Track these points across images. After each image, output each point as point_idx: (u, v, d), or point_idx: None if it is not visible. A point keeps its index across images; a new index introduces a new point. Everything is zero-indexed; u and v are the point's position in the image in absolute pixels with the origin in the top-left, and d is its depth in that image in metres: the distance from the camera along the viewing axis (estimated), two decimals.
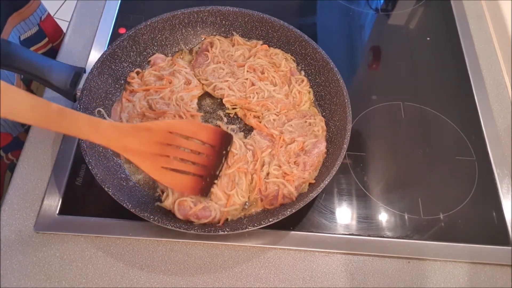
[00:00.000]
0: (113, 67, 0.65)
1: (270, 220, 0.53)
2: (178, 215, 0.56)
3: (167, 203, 0.57)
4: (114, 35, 0.77)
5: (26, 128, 0.78)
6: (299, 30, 0.69)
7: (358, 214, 0.63)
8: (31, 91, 0.81)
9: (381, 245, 0.60)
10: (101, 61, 0.62)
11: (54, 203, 0.60)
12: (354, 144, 0.67)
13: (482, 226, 0.63)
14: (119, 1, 0.82)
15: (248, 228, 0.52)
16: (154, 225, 0.58)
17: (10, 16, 0.72)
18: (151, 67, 0.68)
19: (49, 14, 0.83)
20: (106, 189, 0.53)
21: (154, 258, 0.58)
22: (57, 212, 0.59)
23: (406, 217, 0.63)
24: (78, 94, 0.60)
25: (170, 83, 0.66)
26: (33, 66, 0.57)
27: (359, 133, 0.70)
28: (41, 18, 0.80)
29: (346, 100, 0.62)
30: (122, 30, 0.77)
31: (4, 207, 0.60)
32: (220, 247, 0.59)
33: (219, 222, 0.56)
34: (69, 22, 0.79)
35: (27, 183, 0.62)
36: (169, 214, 0.57)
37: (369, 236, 0.61)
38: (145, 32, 0.67)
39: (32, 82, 0.81)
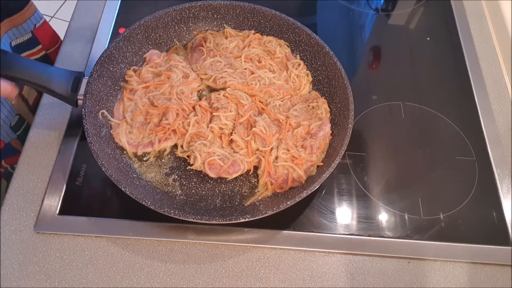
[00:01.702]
0: (111, 69, 0.65)
1: (288, 203, 0.53)
2: (211, 174, 0.60)
3: (197, 165, 0.60)
4: (114, 35, 0.77)
5: (18, 135, 0.78)
6: (291, 18, 0.69)
7: (358, 214, 0.63)
8: (22, 96, 0.80)
9: (381, 245, 0.60)
10: (99, 63, 0.62)
11: (54, 203, 0.60)
12: (354, 144, 0.67)
13: (482, 226, 0.63)
14: (119, 1, 0.82)
15: (267, 213, 0.53)
16: (154, 225, 0.59)
17: (1, 22, 0.71)
18: (147, 64, 0.68)
19: (45, 22, 0.82)
20: (122, 189, 0.53)
21: (154, 258, 0.58)
22: (57, 212, 0.59)
23: (406, 217, 0.63)
24: (79, 99, 0.59)
25: (168, 78, 0.66)
26: (33, 74, 0.57)
27: (359, 133, 0.70)
28: (35, 25, 0.79)
29: (345, 82, 0.63)
30: (122, 30, 0.77)
31: (4, 207, 0.60)
32: (220, 247, 0.59)
33: (249, 172, 0.61)
34: (69, 22, 0.79)
35: (27, 183, 0.62)
36: (185, 207, 0.57)
37: (369, 236, 0.61)
38: (139, 31, 0.67)
39: (24, 87, 0.80)
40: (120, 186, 0.53)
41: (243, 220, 0.53)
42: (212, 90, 0.68)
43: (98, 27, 0.78)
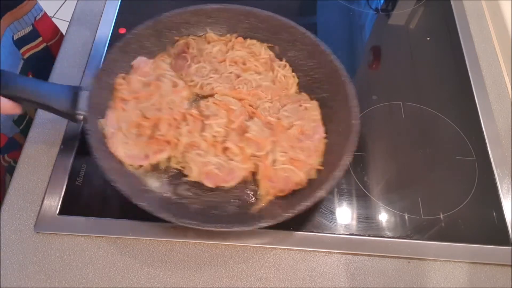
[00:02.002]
0: (110, 82, 0.64)
1: (289, 211, 0.53)
2: (209, 184, 0.59)
3: (193, 176, 0.59)
4: (114, 36, 0.77)
5: (21, 129, 0.78)
6: (284, 18, 0.69)
7: (358, 214, 0.63)
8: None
9: (381, 245, 0.60)
10: (97, 78, 0.61)
11: (54, 203, 0.60)
12: None
13: (482, 226, 0.63)
14: (119, 1, 0.82)
15: (270, 222, 0.53)
16: (154, 225, 0.59)
17: (2, 16, 0.71)
18: (135, 72, 0.66)
19: (45, 14, 0.82)
20: (139, 204, 0.52)
21: (154, 258, 0.58)
22: (57, 212, 0.59)
23: (406, 217, 0.63)
24: (79, 114, 0.57)
25: (158, 88, 0.64)
26: (31, 92, 0.55)
27: (359, 133, 0.70)
28: (35, 18, 0.79)
29: (344, 79, 0.62)
30: (122, 30, 0.77)
31: (4, 207, 0.60)
32: (220, 247, 0.59)
33: (248, 179, 0.60)
34: (69, 22, 0.79)
35: (27, 183, 0.62)
36: (198, 217, 0.55)
37: (369, 236, 0.61)
38: (133, 41, 0.66)
39: None
40: (134, 201, 0.52)
41: (260, 226, 0.53)
42: (201, 96, 0.67)
43: (98, 27, 0.78)
